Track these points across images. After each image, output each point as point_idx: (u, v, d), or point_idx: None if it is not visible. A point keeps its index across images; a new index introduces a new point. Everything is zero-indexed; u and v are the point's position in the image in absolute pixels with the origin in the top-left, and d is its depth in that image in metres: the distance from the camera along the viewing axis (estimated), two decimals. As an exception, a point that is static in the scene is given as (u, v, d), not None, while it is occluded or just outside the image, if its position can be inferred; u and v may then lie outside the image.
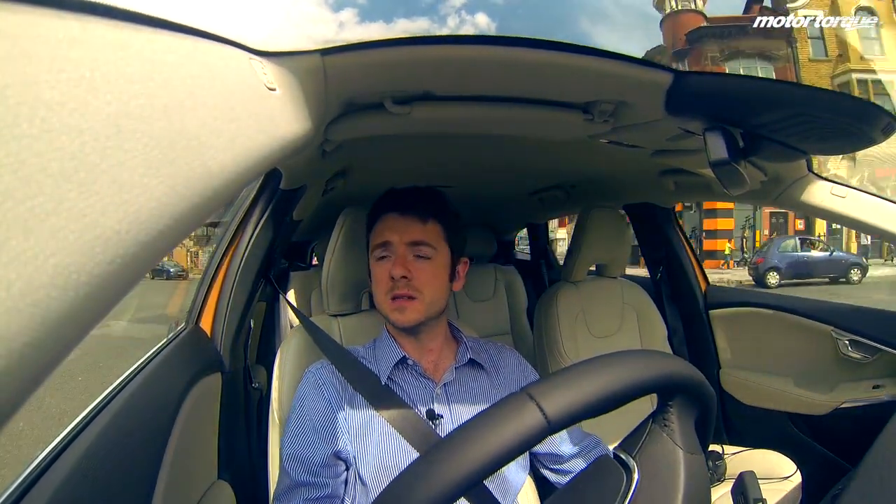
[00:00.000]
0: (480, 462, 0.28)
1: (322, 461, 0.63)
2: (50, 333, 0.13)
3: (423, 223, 0.70)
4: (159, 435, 0.58)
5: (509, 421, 0.29)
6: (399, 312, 0.68)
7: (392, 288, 0.68)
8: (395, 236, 0.69)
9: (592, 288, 1.25)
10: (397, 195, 0.72)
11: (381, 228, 0.71)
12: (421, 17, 3.06)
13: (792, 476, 0.98)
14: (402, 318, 0.68)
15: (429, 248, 0.69)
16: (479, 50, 0.48)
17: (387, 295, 0.69)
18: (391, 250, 0.69)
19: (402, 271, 0.67)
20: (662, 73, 0.53)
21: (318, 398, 0.68)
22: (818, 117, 0.57)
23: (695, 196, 1.29)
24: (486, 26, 3.15)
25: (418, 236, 0.69)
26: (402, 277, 0.67)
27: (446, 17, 3.06)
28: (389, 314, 0.69)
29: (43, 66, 0.15)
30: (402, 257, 0.68)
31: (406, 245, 0.69)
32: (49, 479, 0.42)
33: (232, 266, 0.94)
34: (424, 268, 0.69)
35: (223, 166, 0.23)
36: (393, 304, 0.68)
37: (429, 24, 3.04)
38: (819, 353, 1.15)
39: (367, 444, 0.65)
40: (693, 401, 0.39)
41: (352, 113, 0.63)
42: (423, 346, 0.73)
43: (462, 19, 3.06)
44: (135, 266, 0.16)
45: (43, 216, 0.13)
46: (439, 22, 3.05)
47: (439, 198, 0.74)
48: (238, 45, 0.33)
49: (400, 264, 0.67)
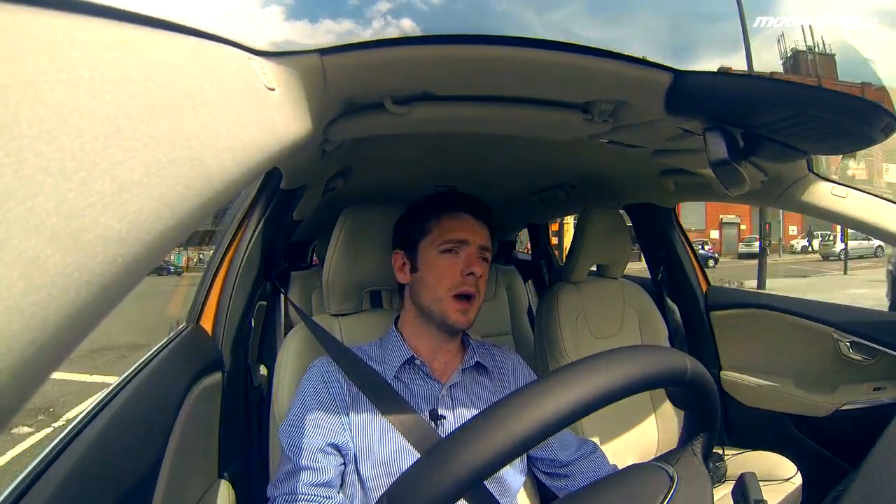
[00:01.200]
0: None
1: (322, 450, 0.64)
2: (51, 333, 0.13)
3: (489, 231, 0.74)
4: (160, 434, 0.58)
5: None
6: (462, 314, 0.69)
7: (461, 283, 0.69)
8: (473, 236, 0.71)
9: (593, 288, 1.25)
10: (466, 198, 0.75)
11: (457, 225, 0.72)
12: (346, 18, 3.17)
13: (792, 478, 0.98)
14: (464, 320, 0.70)
15: (489, 254, 0.74)
16: (479, 50, 0.48)
17: (449, 291, 0.69)
18: (463, 248, 0.71)
19: (481, 270, 0.70)
20: (662, 72, 0.53)
21: (324, 392, 0.68)
22: (818, 117, 0.57)
23: (695, 196, 1.29)
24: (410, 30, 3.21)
25: (487, 242, 0.73)
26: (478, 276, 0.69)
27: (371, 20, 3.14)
28: (451, 314, 0.69)
29: (43, 66, 0.15)
30: (473, 256, 0.71)
31: (477, 247, 0.72)
32: (49, 479, 0.42)
33: (232, 266, 0.94)
34: (485, 272, 0.72)
35: (223, 166, 0.23)
36: (458, 305, 0.69)
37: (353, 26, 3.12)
38: (820, 355, 1.14)
39: (368, 442, 0.65)
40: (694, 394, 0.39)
41: (352, 113, 0.63)
42: (443, 347, 0.73)
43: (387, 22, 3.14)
44: (136, 266, 0.16)
45: (43, 216, 0.13)
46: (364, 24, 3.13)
47: (491, 210, 0.78)
48: (238, 45, 0.33)
49: (478, 262, 0.70)
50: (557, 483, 0.75)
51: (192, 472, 0.68)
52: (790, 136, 0.63)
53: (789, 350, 1.21)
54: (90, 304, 0.14)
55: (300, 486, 0.61)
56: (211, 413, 0.80)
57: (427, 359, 0.72)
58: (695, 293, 1.41)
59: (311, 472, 0.62)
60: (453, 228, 0.71)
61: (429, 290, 0.71)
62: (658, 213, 1.41)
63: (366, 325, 0.86)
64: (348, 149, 0.81)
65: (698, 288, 1.41)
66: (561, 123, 0.68)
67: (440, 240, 0.71)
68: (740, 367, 1.31)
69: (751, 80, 0.53)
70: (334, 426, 0.66)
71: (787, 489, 0.96)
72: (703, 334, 1.38)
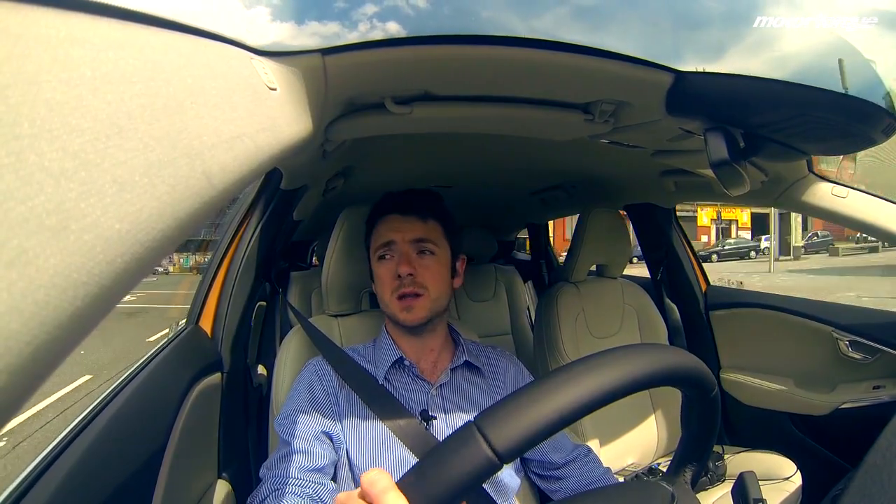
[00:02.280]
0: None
1: (316, 437, 0.64)
2: (51, 333, 0.13)
3: (423, 222, 0.71)
4: (160, 434, 0.58)
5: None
6: (407, 312, 0.69)
7: (398, 286, 0.69)
8: (398, 235, 0.70)
9: (593, 288, 1.25)
10: (396, 197, 0.74)
11: (383, 229, 0.72)
12: (332, 21, 3.16)
13: (792, 477, 0.98)
14: (410, 318, 0.69)
15: (432, 245, 0.71)
16: (480, 50, 0.48)
17: (392, 294, 0.69)
18: (394, 250, 0.71)
19: (408, 269, 0.68)
20: (663, 73, 0.53)
21: (317, 386, 0.69)
22: (819, 117, 0.57)
23: (695, 196, 1.29)
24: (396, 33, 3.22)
25: (421, 234, 0.71)
26: (409, 275, 0.68)
27: (358, 22, 3.14)
28: (398, 314, 0.69)
29: (44, 66, 0.15)
30: (406, 255, 0.69)
31: (409, 243, 0.70)
32: (50, 479, 0.42)
33: (232, 266, 0.94)
34: (429, 264, 0.70)
35: (224, 166, 0.23)
36: (401, 304, 0.69)
37: (339, 28, 3.12)
38: (819, 354, 1.15)
39: (361, 441, 0.66)
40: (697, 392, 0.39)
41: (352, 113, 0.63)
42: (425, 346, 0.73)
43: (373, 25, 3.15)
44: (136, 266, 0.16)
45: (44, 216, 0.13)
46: (350, 27, 3.14)
47: (437, 198, 0.75)
48: (239, 44, 0.33)
49: (405, 262, 0.69)
50: (551, 486, 0.75)
51: (192, 473, 0.68)
52: (791, 136, 0.63)
53: (789, 349, 1.21)
54: (89, 304, 0.14)
55: (292, 471, 0.61)
56: (210, 413, 0.79)
57: (414, 359, 0.72)
58: (694, 293, 1.41)
59: (304, 456, 0.62)
60: (381, 233, 0.72)
61: (380, 298, 0.73)
62: (658, 214, 1.41)
63: (364, 325, 0.86)
64: (348, 149, 0.81)
65: (698, 288, 1.42)
66: (561, 124, 0.68)
67: (375, 248, 0.73)
68: (740, 367, 1.31)
69: (751, 80, 0.53)
70: (327, 416, 0.66)
71: (787, 488, 0.96)
72: (702, 334, 1.38)
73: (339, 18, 0.43)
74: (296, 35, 0.41)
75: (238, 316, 0.92)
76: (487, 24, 0.44)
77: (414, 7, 0.43)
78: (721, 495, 0.99)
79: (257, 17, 0.39)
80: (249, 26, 0.36)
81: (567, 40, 0.47)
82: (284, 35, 0.40)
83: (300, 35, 0.41)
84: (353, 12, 0.43)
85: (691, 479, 0.45)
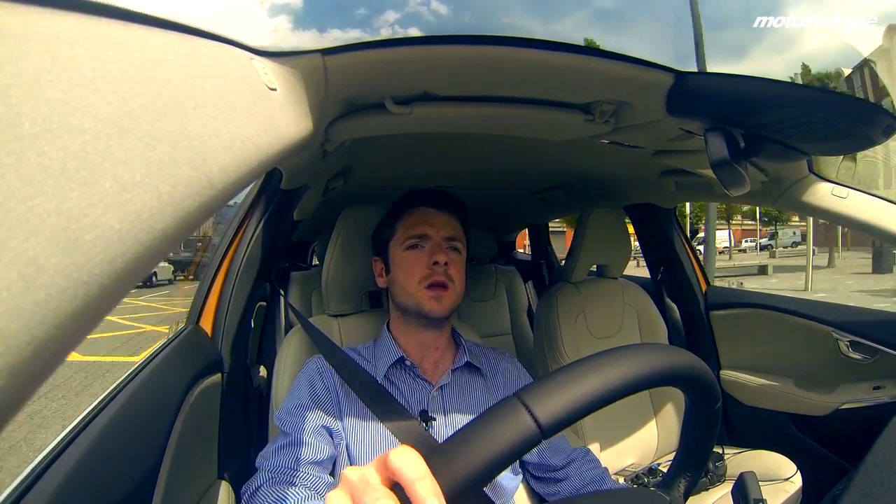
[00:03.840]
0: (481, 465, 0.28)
1: (317, 430, 0.64)
2: (51, 333, 0.13)
3: (455, 219, 0.74)
4: (159, 435, 0.58)
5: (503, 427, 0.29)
6: (436, 301, 0.69)
7: (430, 275, 0.69)
8: (433, 229, 0.72)
9: (593, 288, 1.25)
10: (428, 193, 0.76)
11: (417, 221, 0.73)
12: (354, 28, 3.17)
13: (792, 477, 0.98)
14: (438, 307, 0.69)
15: (459, 243, 0.73)
16: (481, 50, 0.48)
17: (421, 283, 0.70)
18: (427, 242, 0.72)
19: (445, 257, 0.69)
20: (663, 73, 0.53)
21: (318, 383, 0.69)
22: (819, 118, 0.57)
23: (695, 196, 1.29)
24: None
25: (453, 232, 0.73)
26: (445, 264, 0.69)
27: (379, 29, 3.14)
28: (425, 303, 0.69)
29: (45, 66, 0.15)
30: (438, 247, 0.71)
31: (443, 239, 0.72)
32: (49, 479, 0.42)
33: (232, 266, 0.94)
34: (456, 260, 0.72)
35: (224, 166, 0.23)
36: (430, 293, 0.69)
37: (361, 34, 3.12)
38: (820, 354, 1.14)
39: (361, 440, 0.66)
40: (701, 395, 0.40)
41: (352, 113, 0.63)
42: (429, 344, 0.73)
43: (395, 32, 3.16)
44: (136, 266, 0.16)
45: (44, 216, 0.13)
46: (372, 34, 3.13)
47: (461, 200, 0.78)
48: (239, 44, 0.33)
49: (442, 252, 0.70)
50: (549, 489, 0.75)
51: (192, 473, 0.68)
52: (791, 136, 0.63)
53: (789, 349, 1.21)
54: (89, 304, 0.14)
55: (290, 461, 0.60)
56: (211, 414, 0.79)
57: (416, 359, 0.72)
58: (694, 293, 1.41)
59: (303, 448, 0.62)
60: (414, 224, 0.73)
61: (402, 288, 0.72)
62: (658, 213, 1.41)
63: (364, 325, 0.86)
64: (349, 149, 0.81)
65: (698, 288, 1.42)
66: (562, 124, 0.68)
67: (404, 237, 0.73)
68: (740, 367, 1.31)
69: (752, 80, 0.53)
70: (328, 412, 0.66)
71: (787, 489, 0.96)
72: (702, 334, 1.38)
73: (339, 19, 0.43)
74: (296, 35, 0.41)
75: (238, 316, 0.92)
76: (509, 30, 0.45)
77: (435, 13, 0.44)
78: (721, 495, 0.99)
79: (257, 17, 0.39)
80: (249, 26, 0.37)
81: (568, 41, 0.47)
82: (284, 35, 0.40)
83: (300, 35, 0.41)
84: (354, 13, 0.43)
85: (685, 491, 0.45)
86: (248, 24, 0.37)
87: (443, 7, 0.45)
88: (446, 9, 0.45)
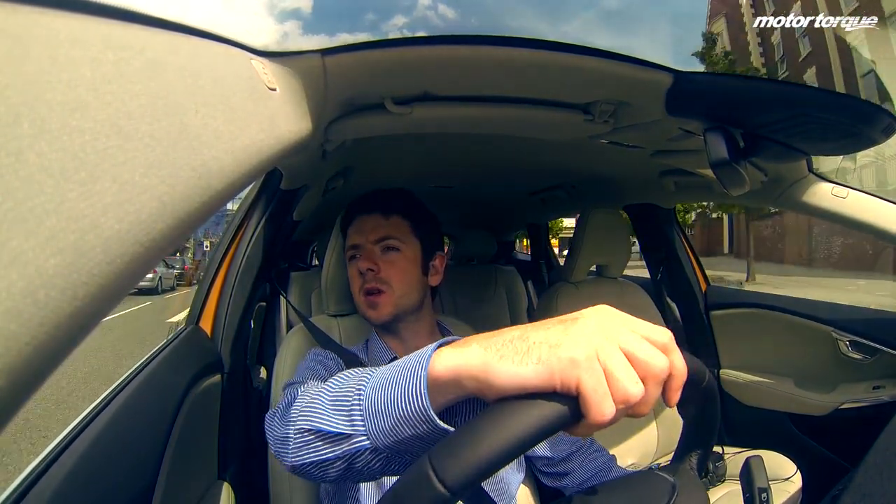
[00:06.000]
0: None
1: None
2: (51, 333, 0.13)
3: (385, 218, 0.72)
4: (159, 435, 0.58)
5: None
6: (372, 308, 0.70)
7: (362, 284, 0.70)
8: (362, 237, 0.72)
9: (593, 288, 1.25)
10: (362, 199, 0.75)
11: (351, 232, 0.74)
12: (363, 32, 3.14)
13: (792, 477, 0.98)
14: (374, 314, 0.70)
15: (395, 241, 0.71)
16: (480, 50, 0.48)
17: (360, 292, 0.71)
18: (360, 250, 0.72)
19: (368, 264, 0.70)
20: (663, 73, 0.53)
21: (321, 369, 0.67)
22: (819, 117, 0.57)
23: (695, 196, 1.29)
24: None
25: (382, 232, 0.72)
26: (369, 270, 0.69)
27: (388, 34, 3.12)
28: (365, 311, 0.71)
29: (44, 66, 0.15)
30: (369, 253, 0.71)
31: (373, 243, 0.71)
32: (49, 479, 0.42)
33: (232, 266, 0.94)
34: (393, 260, 0.71)
35: (223, 166, 0.23)
36: (366, 301, 0.70)
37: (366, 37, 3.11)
38: (819, 354, 1.14)
39: None
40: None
41: (352, 113, 0.63)
42: (407, 344, 0.73)
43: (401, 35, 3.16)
44: (135, 266, 0.16)
45: (44, 216, 0.13)
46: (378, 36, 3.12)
47: (403, 194, 0.76)
48: (239, 45, 0.33)
49: (366, 258, 0.70)
50: (559, 482, 0.75)
51: (192, 474, 0.68)
52: (791, 136, 0.63)
53: (789, 349, 1.21)
54: (89, 304, 0.14)
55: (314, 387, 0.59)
56: (210, 414, 0.79)
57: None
58: (694, 293, 1.41)
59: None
60: (350, 236, 0.74)
61: (354, 299, 0.74)
62: (658, 213, 1.41)
63: (364, 325, 0.86)
64: (348, 149, 0.81)
65: (698, 288, 1.42)
66: (561, 124, 0.68)
67: (347, 254, 0.75)
68: (740, 367, 1.31)
69: (751, 80, 0.53)
70: None
71: (787, 488, 0.96)
72: (702, 334, 1.38)
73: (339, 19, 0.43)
74: (295, 35, 0.41)
75: (238, 316, 0.92)
76: (516, 34, 0.45)
77: (443, 17, 0.44)
78: (721, 495, 0.99)
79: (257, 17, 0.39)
80: (249, 26, 0.37)
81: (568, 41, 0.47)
82: (284, 35, 0.40)
83: (300, 35, 0.41)
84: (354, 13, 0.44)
85: (697, 464, 0.46)
86: (247, 25, 0.37)
87: (450, 11, 0.45)
88: (453, 12, 0.45)
